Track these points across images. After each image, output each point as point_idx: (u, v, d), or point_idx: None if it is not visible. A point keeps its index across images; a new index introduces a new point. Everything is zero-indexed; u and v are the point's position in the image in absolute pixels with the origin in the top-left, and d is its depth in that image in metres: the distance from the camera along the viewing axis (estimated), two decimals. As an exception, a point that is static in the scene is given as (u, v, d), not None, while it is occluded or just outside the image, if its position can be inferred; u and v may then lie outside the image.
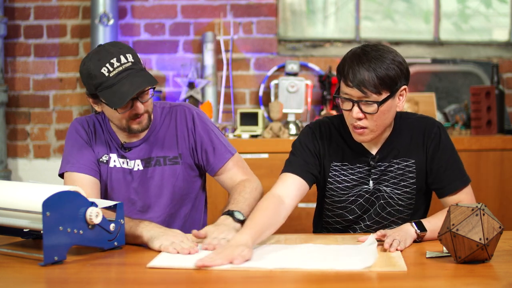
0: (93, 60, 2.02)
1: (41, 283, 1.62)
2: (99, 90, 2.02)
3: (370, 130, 2.01)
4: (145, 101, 2.08)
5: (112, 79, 2.00)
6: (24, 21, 4.06)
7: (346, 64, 1.98)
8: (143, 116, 2.09)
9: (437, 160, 2.10)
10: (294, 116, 3.79)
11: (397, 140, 2.12)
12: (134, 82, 2.01)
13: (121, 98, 1.99)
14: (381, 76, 1.94)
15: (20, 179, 4.06)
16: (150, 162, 2.18)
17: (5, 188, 1.88)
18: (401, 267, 1.66)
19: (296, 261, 1.74)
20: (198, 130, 2.20)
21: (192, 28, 4.05)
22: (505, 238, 1.87)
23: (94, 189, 2.13)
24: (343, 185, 2.14)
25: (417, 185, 2.11)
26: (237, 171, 2.21)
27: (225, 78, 3.97)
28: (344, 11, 4.27)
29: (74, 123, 2.22)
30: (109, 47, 2.04)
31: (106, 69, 2.00)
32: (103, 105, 2.07)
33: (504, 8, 4.27)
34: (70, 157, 2.16)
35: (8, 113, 4.07)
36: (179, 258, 1.76)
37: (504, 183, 3.45)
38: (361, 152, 2.13)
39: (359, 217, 2.15)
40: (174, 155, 2.19)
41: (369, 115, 1.98)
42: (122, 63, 2.02)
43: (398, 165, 2.11)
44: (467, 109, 3.84)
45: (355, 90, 1.95)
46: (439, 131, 2.12)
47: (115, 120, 2.10)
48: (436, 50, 4.16)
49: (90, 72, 2.02)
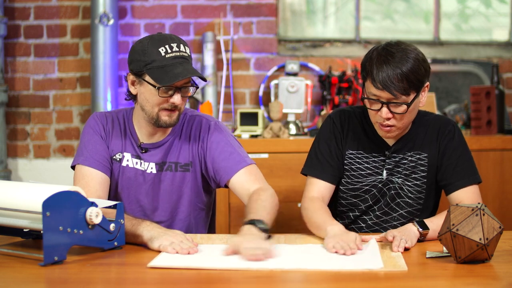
0: (153, 39, 2.05)
1: (41, 283, 1.62)
2: (148, 68, 2.02)
3: (397, 128, 2.07)
4: (185, 95, 2.07)
5: (167, 60, 2.01)
6: (24, 21, 4.05)
7: (373, 65, 2.01)
8: (175, 112, 2.08)
9: (447, 156, 2.14)
10: (294, 116, 3.79)
11: (413, 135, 2.17)
12: (187, 69, 2.03)
13: (172, 77, 1.99)
14: (410, 77, 1.97)
15: (20, 179, 4.06)
16: (163, 167, 2.17)
17: (5, 188, 1.88)
18: (401, 267, 1.66)
19: (299, 261, 1.74)
20: (212, 139, 2.16)
21: (192, 28, 4.05)
22: (505, 238, 1.87)
23: (103, 186, 2.12)
24: (357, 173, 2.19)
25: (427, 178, 2.15)
26: (250, 178, 2.13)
27: (225, 78, 3.97)
28: (344, 11, 4.27)
29: (93, 117, 2.21)
30: (170, 35, 2.07)
31: (164, 49, 2.02)
32: (145, 85, 2.05)
33: (504, 8, 4.27)
34: (84, 150, 2.15)
35: (8, 113, 4.07)
36: (179, 258, 1.76)
37: (504, 183, 3.45)
38: (378, 143, 2.17)
39: (370, 207, 2.19)
40: (186, 162, 2.18)
41: (397, 115, 2.02)
42: (181, 50, 2.04)
43: (411, 157, 2.15)
44: (467, 109, 3.84)
45: (385, 92, 1.99)
46: (453, 129, 2.18)
47: (148, 106, 2.07)
48: (436, 50, 4.16)
49: (145, 48, 2.03)
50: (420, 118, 2.19)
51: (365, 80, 2.05)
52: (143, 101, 2.09)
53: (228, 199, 3.42)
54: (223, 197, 3.41)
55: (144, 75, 2.04)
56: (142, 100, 2.10)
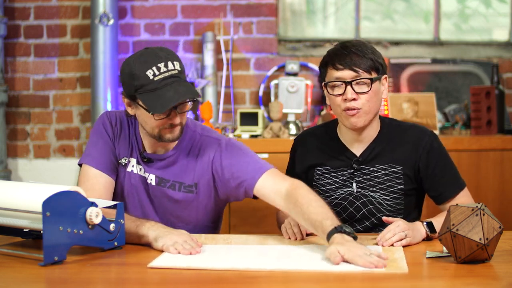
0: (140, 60, 1.96)
1: (41, 283, 1.62)
2: (139, 92, 1.96)
3: (364, 111, 2.08)
4: (182, 113, 2.01)
5: (156, 83, 1.94)
6: (24, 21, 4.05)
7: (331, 55, 2.10)
8: (177, 127, 2.01)
9: (431, 169, 2.13)
10: (294, 116, 3.79)
11: (382, 145, 2.16)
12: (178, 91, 1.94)
13: (163, 104, 1.92)
14: (369, 56, 2.07)
15: (20, 179, 4.06)
16: (165, 184, 2.12)
17: (5, 188, 1.88)
18: (402, 268, 1.65)
19: (299, 262, 1.74)
20: (225, 156, 2.08)
21: (192, 28, 4.05)
22: (505, 238, 1.87)
23: (107, 189, 2.10)
24: (327, 187, 2.19)
25: (404, 190, 2.13)
26: (276, 180, 2.02)
27: (225, 78, 3.97)
28: (344, 11, 4.27)
29: (104, 116, 2.17)
30: (157, 51, 1.98)
31: (151, 72, 1.94)
32: (139, 108, 2.00)
33: (504, 8, 4.27)
34: (92, 149, 2.12)
35: (8, 113, 4.07)
36: (180, 258, 1.76)
37: (504, 183, 3.45)
38: (344, 154, 2.16)
39: (346, 221, 2.16)
40: (189, 184, 2.11)
41: (362, 95, 2.07)
42: (169, 69, 1.96)
43: (384, 171, 2.13)
44: (467, 109, 3.84)
45: (347, 71, 2.06)
46: (430, 140, 2.15)
47: (147, 127, 2.02)
48: (436, 50, 4.16)
49: (133, 72, 1.95)
50: (389, 127, 2.19)
51: (326, 73, 2.12)
52: (142, 122, 2.04)
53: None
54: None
55: (137, 99, 1.98)
56: (141, 121, 2.05)
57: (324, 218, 1.82)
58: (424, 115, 3.68)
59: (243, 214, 3.42)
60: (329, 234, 1.76)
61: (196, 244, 1.85)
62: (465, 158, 3.39)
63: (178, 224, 2.12)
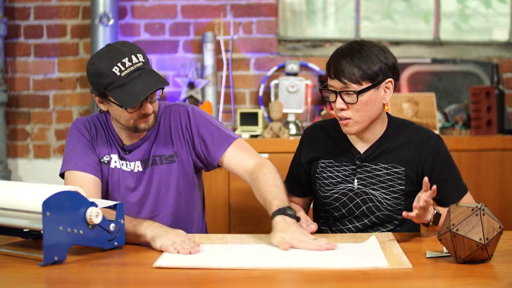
0: (104, 59, 2.01)
1: (41, 283, 1.62)
2: (108, 90, 2.01)
3: (355, 121, 2.08)
4: (154, 101, 2.08)
5: (124, 78, 1.99)
6: (24, 21, 4.05)
7: (331, 59, 2.09)
8: (150, 116, 2.08)
9: (436, 173, 2.13)
10: (294, 116, 3.79)
11: (387, 144, 2.15)
12: (147, 82, 2.01)
13: (134, 98, 1.99)
14: (361, 67, 2.02)
15: (20, 179, 4.06)
16: (147, 162, 2.18)
17: (5, 188, 1.88)
18: (405, 264, 1.66)
19: (301, 260, 1.74)
20: (194, 123, 2.18)
21: (192, 28, 4.05)
22: (505, 238, 1.87)
23: (96, 189, 2.13)
24: (328, 181, 2.20)
25: (405, 191, 2.13)
26: (243, 155, 2.15)
27: (225, 78, 3.97)
28: (344, 11, 4.27)
29: (76, 123, 2.21)
30: (119, 47, 2.03)
31: (117, 68, 1.99)
32: (111, 104, 2.05)
33: (504, 8, 4.27)
34: (73, 155, 2.15)
35: (8, 113, 4.07)
36: (183, 258, 1.76)
37: (504, 183, 3.45)
38: (349, 151, 2.16)
39: (345, 216, 2.17)
40: (170, 154, 2.18)
41: (351, 106, 2.06)
42: (134, 62, 2.01)
43: (387, 170, 2.13)
44: (467, 109, 3.84)
45: (336, 81, 2.05)
46: (436, 144, 2.15)
47: (122, 120, 2.09)
48: (436, 50, 4.16)
49: (99, 71, 2.00)
50: (396, 127, 2.18)
51: (327, 74, 2.12)
52: (116, 116, 2.11)
53: (228, 199, 3.42)
54: (223, 197, 3.41)
55: (108, 96, 2.04)
56: (115, 116, 2.11)
57: (273, 198, 1.95)
58: (424, 115, 3.68)
59: (243, 214, 3.42)
60: (272, 215, 1.90)
61: (194, 243, 1.86)
62: (465, 158, 3.39)
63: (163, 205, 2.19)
